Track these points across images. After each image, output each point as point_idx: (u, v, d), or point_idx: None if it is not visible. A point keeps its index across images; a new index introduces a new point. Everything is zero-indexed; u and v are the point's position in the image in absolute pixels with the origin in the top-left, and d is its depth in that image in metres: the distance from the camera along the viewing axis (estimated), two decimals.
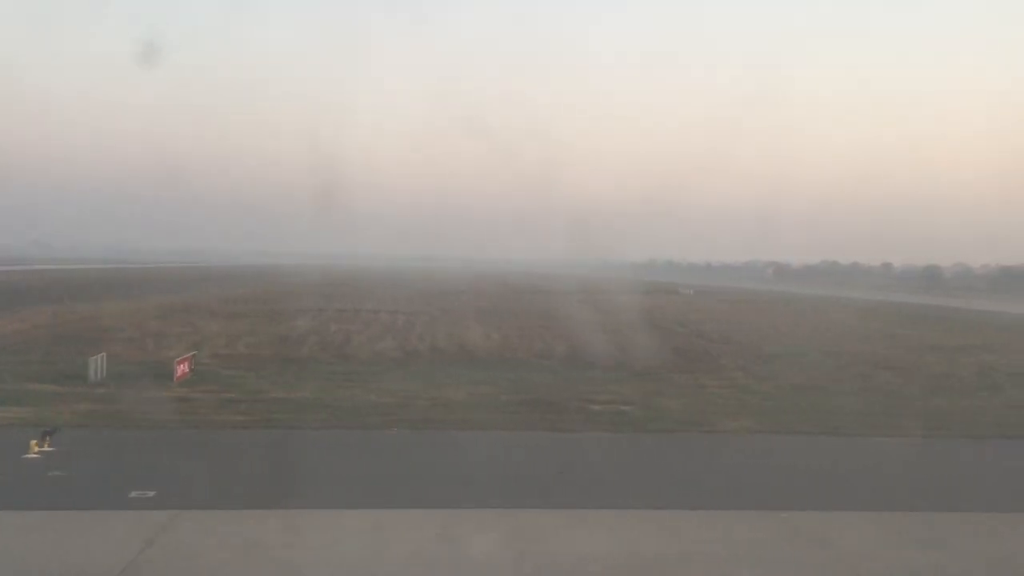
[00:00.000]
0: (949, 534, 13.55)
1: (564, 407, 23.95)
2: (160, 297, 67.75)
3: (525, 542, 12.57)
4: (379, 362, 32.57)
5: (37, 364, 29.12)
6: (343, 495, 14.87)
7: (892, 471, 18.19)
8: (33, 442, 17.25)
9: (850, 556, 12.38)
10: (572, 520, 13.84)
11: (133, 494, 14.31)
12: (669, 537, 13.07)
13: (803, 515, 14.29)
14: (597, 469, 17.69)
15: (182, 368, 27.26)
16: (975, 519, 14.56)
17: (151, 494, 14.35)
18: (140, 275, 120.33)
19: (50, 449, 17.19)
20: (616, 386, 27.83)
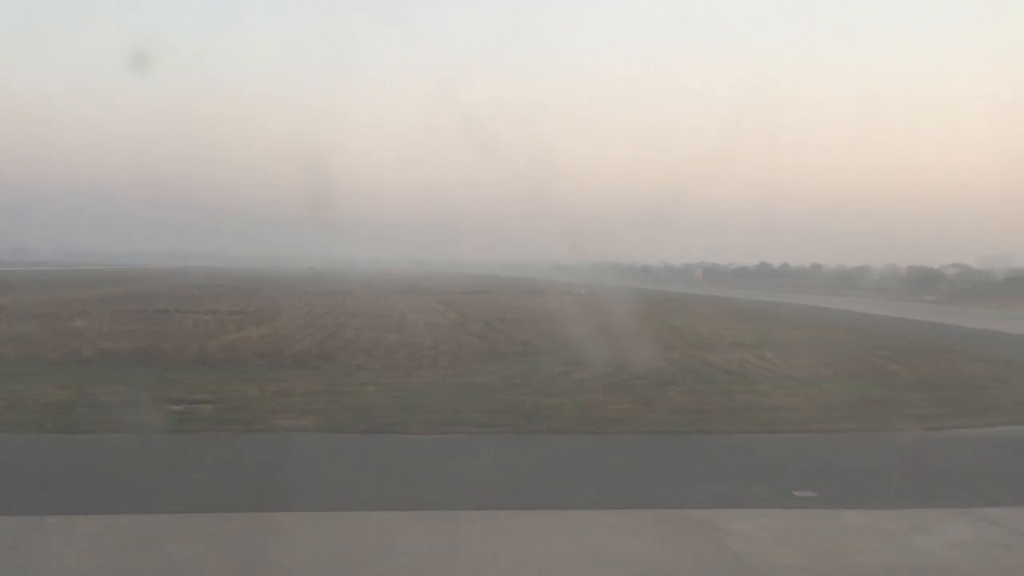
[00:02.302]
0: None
1: (147, 405, 22.58)
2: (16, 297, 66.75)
3: None
4: (63, 361, 31.03)
5: None
6: None
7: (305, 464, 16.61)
8: None
9: None
10: None
11: None
12: None
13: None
14: None
15: None
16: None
17: None
18: (64, 277, 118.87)
19: None
20: (261, 384, 26.34)
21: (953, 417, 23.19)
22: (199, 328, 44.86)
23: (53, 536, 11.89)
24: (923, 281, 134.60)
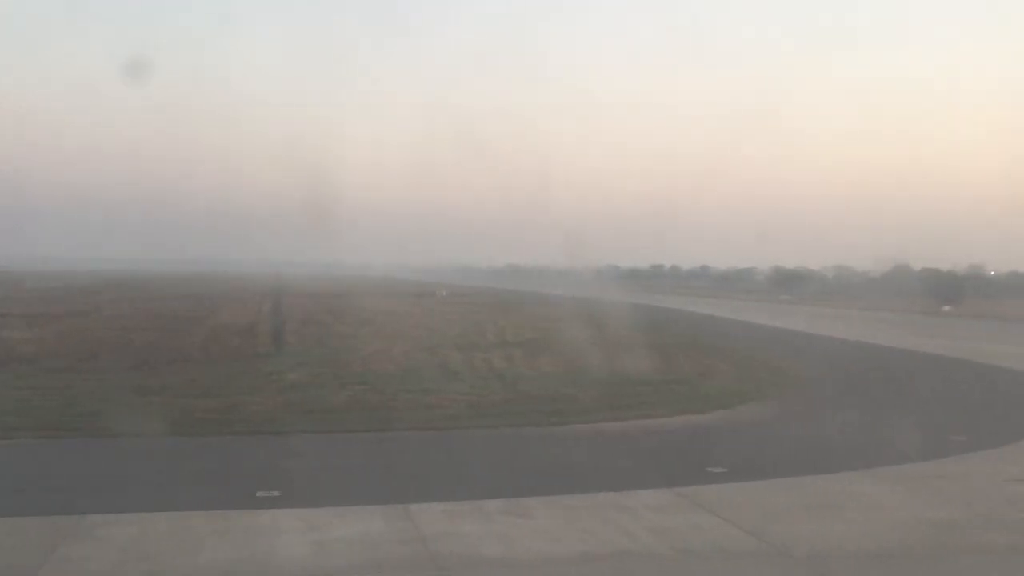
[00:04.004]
0: None
1: None
2: None
3: None
4: None
5: None
6: None
7: None
8: None
9: None
10: None
11: None
12: None
13: None
14: None
15: None
16: None
17: None
18: None
19: None
20: None
21: (596, 413, 23.26)
22: None
23: None
24: (793, 282, 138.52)
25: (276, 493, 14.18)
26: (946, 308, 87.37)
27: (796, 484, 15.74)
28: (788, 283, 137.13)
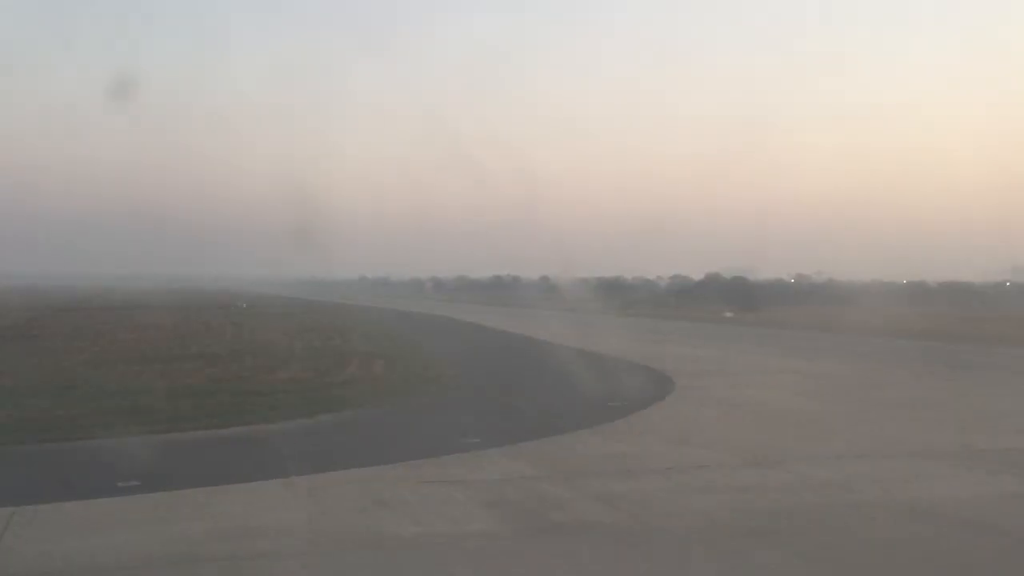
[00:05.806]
0: None
1: None
2: None
3: None
4: None
5: None
6: None
7: None
8: None
9: None
10: None
11: None
12: None
13: None
14: None
15: None
16: None
17: None
18: None
19: None
20: None
21: (152, 426, 22.29)
22: None
23: None
24: (614, 291, 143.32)
25: None
26: (728, 314, 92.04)
27: (191, 496, 15.39)
28: (609, 292, 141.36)
